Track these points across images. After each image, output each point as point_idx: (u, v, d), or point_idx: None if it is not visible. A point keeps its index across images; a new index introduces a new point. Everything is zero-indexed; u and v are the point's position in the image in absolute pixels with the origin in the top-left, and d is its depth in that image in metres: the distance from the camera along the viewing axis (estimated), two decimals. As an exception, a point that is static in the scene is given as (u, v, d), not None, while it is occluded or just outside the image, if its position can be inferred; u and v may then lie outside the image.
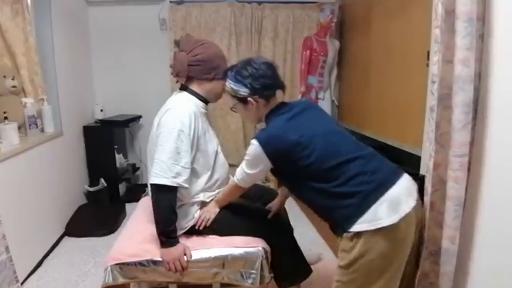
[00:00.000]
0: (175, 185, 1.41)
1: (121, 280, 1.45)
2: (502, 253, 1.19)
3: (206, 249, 1.50)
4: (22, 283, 1.97)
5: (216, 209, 1.58)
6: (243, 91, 1.37)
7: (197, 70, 1.54)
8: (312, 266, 1.75)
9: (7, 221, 1.77)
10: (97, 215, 2.93)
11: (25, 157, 2.14)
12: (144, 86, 3.59)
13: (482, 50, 1.19)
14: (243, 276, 1.49)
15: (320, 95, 3.55)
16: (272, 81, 1.39)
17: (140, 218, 1.75)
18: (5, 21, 2.19)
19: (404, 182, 1.23)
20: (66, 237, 2.65)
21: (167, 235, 1.44)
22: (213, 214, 1.57)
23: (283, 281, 1.63)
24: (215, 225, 1.56)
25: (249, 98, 1.37)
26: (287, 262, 1.63)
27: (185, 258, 1.45)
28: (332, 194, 1.21)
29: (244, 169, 1.38)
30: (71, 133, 2.93)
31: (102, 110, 3.41)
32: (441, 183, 1.28)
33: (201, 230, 1.56)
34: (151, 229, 1.49)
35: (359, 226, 1.15)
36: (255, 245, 1.52)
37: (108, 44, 3.51)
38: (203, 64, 1.53)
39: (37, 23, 2.50)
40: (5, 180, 1.93)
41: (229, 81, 1.40)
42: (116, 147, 3.32)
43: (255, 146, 1.29)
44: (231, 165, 1.80)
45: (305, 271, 1.69)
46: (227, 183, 1.71)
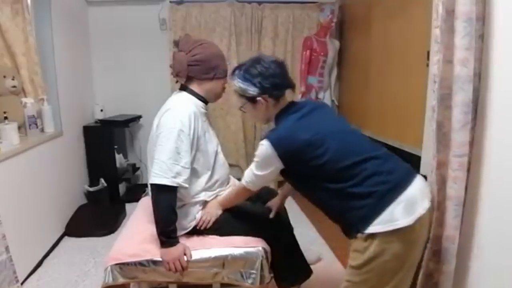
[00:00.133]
0: (175, 185, 1.41)
1: (121, 280, 1.45)
2: (503, 253, 1.19)
3: (206, 249, 1.50)
4: (22, 283, 1.96)
5: (218, 211, 1.57)
6: (252, 90, 1.33)
7: (196, 70, 1.53)
8: (312, 266, 1.75)
9: (7, 221, 1.77)
10: (97, 215, 2.93)
11: (25, 157, 2.14)
12: (144, 86, 3.59)
13: (482, 50, 1.19)
14: (243, 276, 1.49)
15: (320, 95, 3.55)
16: (281, 80, 1.35)
17: (140, 218, 1.75)
18: (5, 21, 2.19)
19: (419, 183, 1.20)
20: (66, 237, 2.64)
21: (167, 235, 1.44)
22: (215, 216, 1.56)
23: (283, 282, 1.63)
24: (215, 225, 1.56)
25: (258, 97, 1.33)
26: (287, 263, 1.63)
27: (185, 258, 1.45)
28: (347, 195, 1.18)
29: (254, 171, 1.34)
30: (71, 133, 2.93)
31: (102, 110, 3.41)
32: (444, 182, 1.28)
33: (201, 230, 1.56)
34: (151, 229, 1.49)
35: (375, 227, 1.12)
36: (255, 245, 1.52)
37: (108, 44, 3.51)
38: (202, 64, 1.53)
39: (37, 23, 2.50)
40: (5, 180, 1.93)
41: (237, 80, 1.35)
42: (116, 147, 3.32)
43: (265, 146, 1.24)
44: (231, 165, 1.81)
45: (305, 272, 1.69)
46: (227, 183, 1.71)
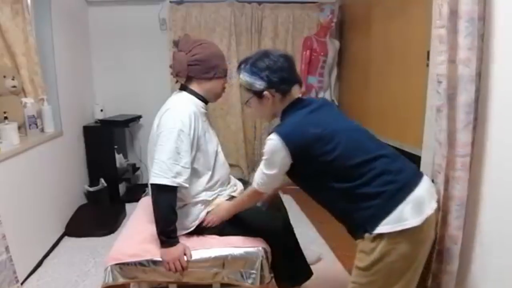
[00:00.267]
0: (175, 185, 1.41)
1: (121, 280, 1.45)
2: (504, 253, 1.19)
3: (206, 249, 1.50)
4: (22, 283, 1.96)
5: (225, 217, 1.54)
6: (259, 84, 1.29)
7: (196, 70, 1.54)
8: (312, 266, 1.75)
9: (7, 221, 1.77)
10: (97, 215, 2.93)
11: (25, 157, 2.13)
12: (144, 86, 3.59)
13: (483, 50, 1.19)
14: (243, 276, 1.49)
15: (320, 95, 3.55)
16: (289, 74, 1.31)
17: (140, 218, 1.75)
18: (5, 21, 2.19)
19: (426, 184, 1.19)
20: (66, 237, 2.64)
21: (167, 235, 1.44)
22: (220, 219, 1.54)
23: (283, 282, 1.63)
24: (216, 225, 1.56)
25: (265, 91, 1.29)
26: (287, 263, 1.63)
27: (185, 258, 1.45)
28: (355, 195, 1.16)
29: (263, 170, 1.30)
30: (71, 133, 2.93)
31: (102, 110, 3.41)
32: (447, 182, 1.28)
33: (201, 229, 1.56)
34: (151, 229, 1.49)
35: (384, 227, 1.11)
36: (255, 245, 1.52)
37: (108, 44, 3.51)
38: (202, 63, 1.53)
39: (37, 23, 2.50)
40: (5, 180, 1.93)
41: (243, 73, 1.32)
42: (116, 147, 3.32)
43: (275, 140, 1.20)
44: (231, 165, 1.80)
45: (305, 273, 1.69)
46: (228, 183, 1.71)
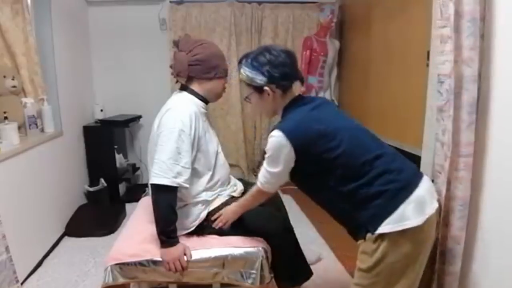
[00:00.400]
0: (175, 185, 1.41)
1: (121, 280, 1.45)
2: (504, 253, 1.19)
3: (206, 249, 1.50)
4: (22, 283, 1.96)
5: (233, 219, 1.53)
6: (260, 79, 1.27)
7: (197, 70, 1.54)
8: (312, 266, 1.75)
9: (7, 221, 1.77)
10: (97, 215, 2.93)
11: (25, 157, 2.13)
12: (144, 86, 3.59)
13: (484, 50, 1.19)
14: (243, 276, 1.49)
15: (320, 95, 3.55)
16: (291, 70, 1.29)
17: (140, 218, 1.75)
18: (5, 21, 2.19)
19: (427, 183, 1.19)
20: (66, 237, 2.64)
21: (167, 235, 1.44)
22: (231, 220, 1.53)
23: (283, 282, 1.63)
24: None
25: (266, 87, 1.27)
26: (287, 263, 1.63)
27: (185, 258, 1.45)
28: (358, 194, 1.15)
29: (267, 168, 1.28)
30: (71, 133, 2.93)
31: (102, 110, 3.41)
32: (449, 183, 1.28)
33: (201, 229, 1.56)
34: (151, 229, 1.49)
35: (386, 227, 1.10)
36: (255, 245, 1.52)
37: (108, 44, 3.51)
38: (202, 63, 1.53)
39: (37, 23, 2.49)
40: (5, 180, 1.93)
41: (244, 68, 1.30)
42: (116, 147, 3.31)
43: (278, 137, 1.18)
44: (231, 165, 1.80)
45: (305, 273, 1.69)
46: (228, 183, 1.71)
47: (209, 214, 1.57)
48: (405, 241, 1.11)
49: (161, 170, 1.40)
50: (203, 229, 1.57)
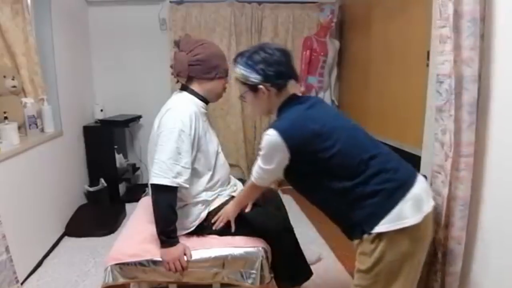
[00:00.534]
0: (175, 185, 1.41)
1: (121, 280, 1.45)
2: (504, 253, 1.19)
3: (206, 249, 1.50)
4: (22, 283, 1.96)
5: (235, 213, 1.54)
6: (254, 77, 1.26)
7: (197, 70, 1.54)
8: (312, 266, 1.75)
9: (7, 221, 1.77)
10: (97, 215, 2.93)
11: (25, 157, 2.13)
12: (144, 86, 3.59)
13: (484, 50, 1.19)
14: (243, 276, 1.49)
15: (320, 95, 3.54)
16: (286, 69, 1.28)
17: (140, 218, 1.75)
18: (5, 21, 2.19)
19: (422, 182, 1.19)
20: (66, 237, 2.64)
21: (167, 235, 1.44)
22: (232, 218, 1.54)
23: (283, 282, 1.63)
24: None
25: (260, 85, 1.26)
26: (287, 263, 1.63)
27: (185, 258, 1.45)
28: (353, 193, 1.14)
29: (260, 164, 1.28)
30: (71, 133, 2.93)
31: (102, 110, 3.41)
32: (450, 183, 1.28)
33: (201, 229, 1.56)
34: (151, 229, 1.49)
35: (383, 226, 1.10)
36: (255, 245, 1.52)
37: (108, 44, 3.50)
38: (203, 63, 1.53)
39: (37, 23, 2.50)
40: (5, 180, 1.93)
41: (239, 66, 1.30)
42: (116, 147, 3.31)
43: (272, 136, 1.18)
44: (231, 165, 1.80)
45: (305, 273, 1.69)
46: (228, 183, 1.71)
47: (209, 214, 1.57)
48: (403, 240, 1.11)
49: (161, 170, 1.40)
50: (203, 229, 1.57)
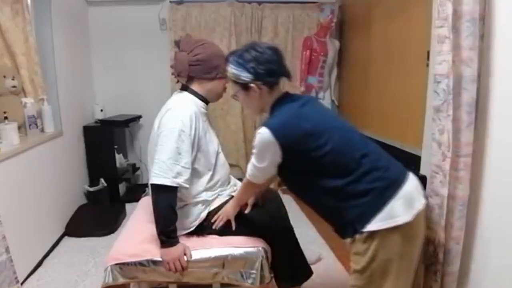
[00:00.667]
0: (175, 185, 1.41)
1: (121, 280, 1.45)
2: (504, 253, 1.19)
3: (206, 249, 1.50)
4: (22, 283, 1.96)
5: (235, 212, 1.54)
6: (245, 76, 1.26)
7: (198, 70, 1.54)
8: (312, 266, 1.75)
9: (7, 221, 1.77)
10: (97, 215, 2.93)
11: (25, 157, 2.13)
12: (144, 86, 3.59)
13: (484, 50, 1.19)
14: (243, 276, 1.49)
15: (320, 95, 3.55)
16: (277, 67, 1.28)
17: (140, 218, 1.75)
18: (5, 21, 2.19)
19: (413, 180, 1.20)
20: (66, 237, 2.64)
21: (167, 235, 1.44)
22: (232, 216, 1.54)
23: (283, 282, 1.63)
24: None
25: (251, 84, 1.27)
26: (287, 263, 1.63)
27: (185, 258, 1.45)
28: (345, 192, 1.15)
29: (253, 162, 1.30)
30: (71, 133, 2.93)
31: (102, 110, 3.41)
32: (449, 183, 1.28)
33: (201, 229, 1.56)
34: (151, 229, 1.49)
35: (374, 225, 1.11)
36: (255, 245, 1.52)
37: (108, 44, 3.50)
38: (203, 63, 1.53)
39: (37, 23, 2.50)
40: (5, 180, 1.93)
41: (230, 65, 1.30)
42: (116, 147, 3.32)
43: (264, 134, 1.19)
44: (231, 165, 1.80)
45: (305, 272, 1.69)
46: (228, 183, 1.71)
47: (209, 214, 1.57)
48: (395, 238, 1.12)
49: (161, 170, 1.40)
50: (203, 229, 1.57)
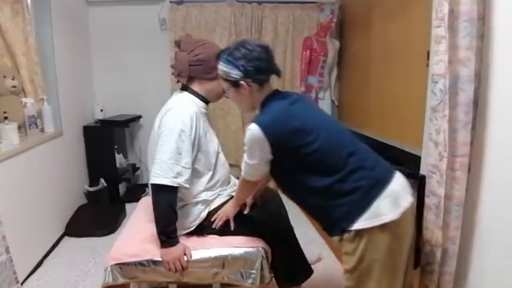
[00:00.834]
0: (175, 185, 1.41)
1: (121, 280, 1.45)
2: (502, 253, 1.19)
3: (206, 249, 1.50)
4: (22, 283, 1.96)
5: (234, 211, 1.55)
6: (235, 73, 1.27)
7: (198, 70, 1.54)
8: (312, 266, 1.75)
9: (7, 221, 1.77)
10: (97, 215, 2.93)
11: (25, 157, 2.14)
12: (144, 86, 3.59)
13: (483, 50, 1.19)
14: (243, 276, 1.49)
15: (320, 95, 3.55)
16: (266, 64, 1.29)
17: (140, 218, 1.75)
18: (5, 21, 2.19)
19: (400, 178, 1.22)
20: (66, 237, 2.65)
21: (167, 235, 1.44)
22: (231, 215, 1.54)
23: (283, 281, 1.63)
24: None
25: (241, 81, 1.28)
26: (287, 263, 1.63)
27: (185, 258, 1.45)
28: (332, 191, 1.17)
29: (246, 159, 1.31)
30: (71, 133, 2.93)
31: (102, 110, 3.41)
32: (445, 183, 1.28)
33: (201, 229, 1.57)
34: (151, 229, 1.49)
35: (361, 223, 1.12)
36: (255, 245, 1.52)
37: (108, 44, 3.51)
38: (204, 63, 1.53)
39: (37, 23, 2.50)
40: (5, 180, 1.93)
41: (220, 63, 1.31)
42: (116, 147, 3.32)
43: (254, 130, 1.19)
44: (231, 165, 1.80)
45: (306, 272, 1.69)
46: (228, 183, 1.71)
47: (209, 214, 1.57)
48: (382, 237, 1.13)
49: (161, 170, 1.40)
50: (203, 229, 1.57)
